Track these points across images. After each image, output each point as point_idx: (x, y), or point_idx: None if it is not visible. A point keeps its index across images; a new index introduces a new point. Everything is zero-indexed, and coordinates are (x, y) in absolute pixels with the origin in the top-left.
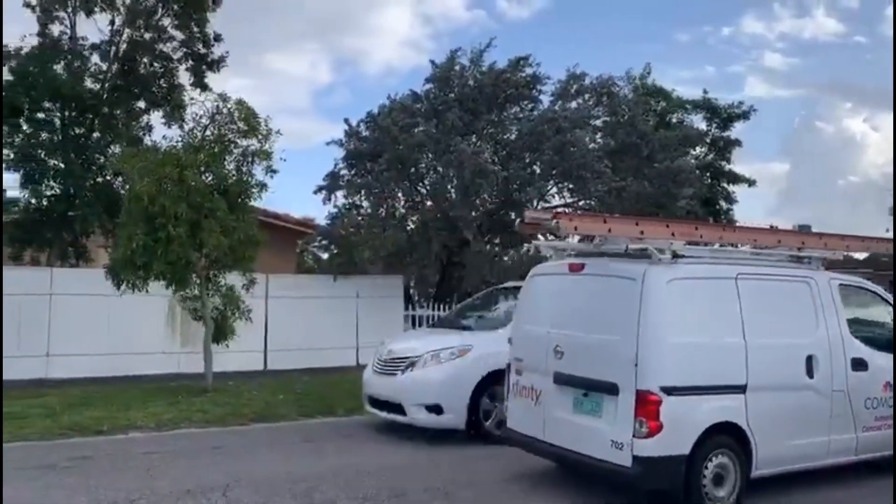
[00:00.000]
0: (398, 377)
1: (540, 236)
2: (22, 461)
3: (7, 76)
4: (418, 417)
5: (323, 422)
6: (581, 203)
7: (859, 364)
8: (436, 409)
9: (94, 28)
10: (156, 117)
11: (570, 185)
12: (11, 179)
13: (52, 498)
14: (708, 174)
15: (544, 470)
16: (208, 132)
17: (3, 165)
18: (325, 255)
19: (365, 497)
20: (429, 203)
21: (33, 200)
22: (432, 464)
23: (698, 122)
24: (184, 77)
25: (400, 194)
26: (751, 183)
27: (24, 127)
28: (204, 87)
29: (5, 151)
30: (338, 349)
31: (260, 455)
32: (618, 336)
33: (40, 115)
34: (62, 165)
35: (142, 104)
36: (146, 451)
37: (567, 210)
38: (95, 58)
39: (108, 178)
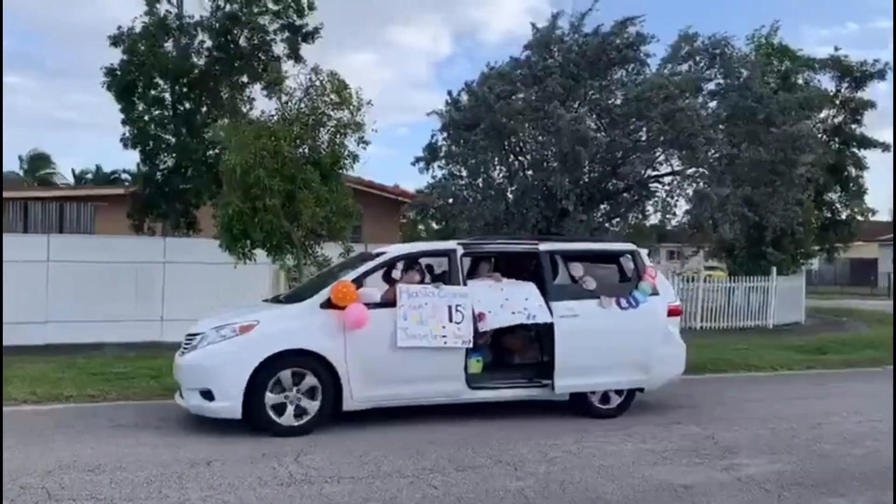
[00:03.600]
0: (182, 357)
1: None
2: (120, 419)
3: (120, 55)
4: (192, 403)
5: None
6: (691, 171)
7: None
8: (207, 394)
9: (197, 5)
10: (257, 90)
11: (679, 153)
12: (131, 155)
13: (139, 454)
14: (836, 139)
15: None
16: (302, 105)
17: (123, 143)
18: (422, 227)
19: (433, 468)
20: (529, 172)
21: (150, 175)
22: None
23: (826, 82)
24: (281, 50)
25: (497, 163)
26: (885, 148)
27: (138, 104)
28: (298, 59)
29: (126, 129)
30: None
31: (341, 422)
32: None
33: (152, 93)
34: (172, 140)
35: (244, 78)
36: None
37: (676, 179)
38: (200, 34)
39: (217, 151)
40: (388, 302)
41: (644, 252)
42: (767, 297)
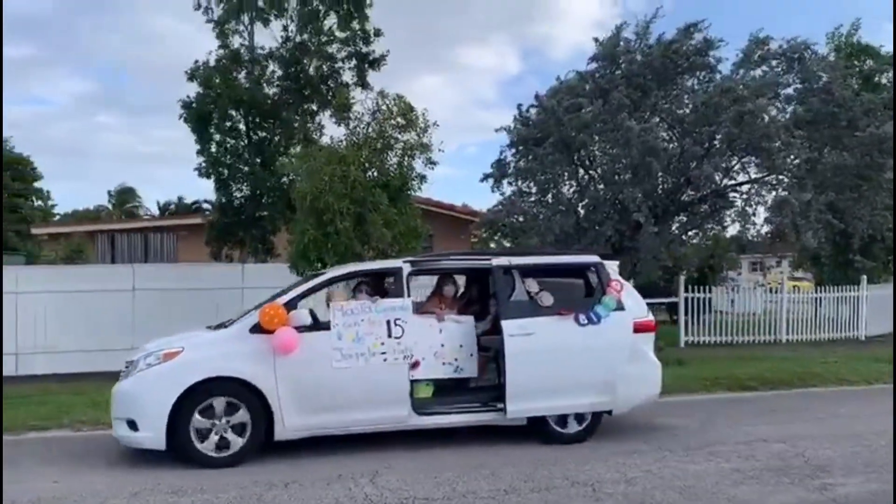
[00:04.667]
0: (115, 386)
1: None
2: None
3: (196, 88)
4: (119, 433)
5: None
6: (769, 178)
7: None
8: (132, 424)
9: (268, 37)
10: (327, 117)
11: (755, 160)
12: (210, 185)
13: (219, 477)
14: None
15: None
16: (370, 129)
17: (198, 171)
18: (493, 245)
19: (508, 489)
20: (600, 186)
21: (224, 201)
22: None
23: None
24: (349, 77)
25: (567, 178)
26: None
27: (213, 134)
28: (365, 86)
29: (200, 159)
30: None
31: (414, 442)
32: None
33: (227, 124)
34: (246, 169)
35: (314, 106)
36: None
37: (754, 186)
38: (272, 65)
39: (290, 178)
40: (324, 325)
41: (613, 264)
42: (858, 308)
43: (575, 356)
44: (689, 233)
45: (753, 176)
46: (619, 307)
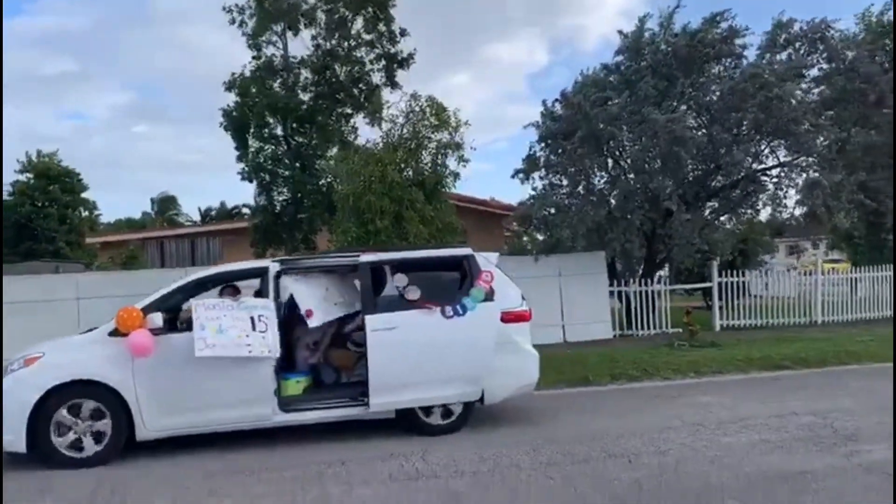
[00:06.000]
0: None
1: None
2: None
3: (233, 98)
4: None
5: None
6: (798, 160)
7: None
8: None
9: (300, 45)
10: (360, 119)
11: (784, 143)
12: (250, 190)
13: (280, 456)
14: None
15: None
16: (404, 130)
17: (241, 176)
18: (525, 238)
19: (549, 462)
20: (630, 176)
21: (266, 204)
22: None
23: None
24: (378, 79)
25: (597, 170)
26: None
27: (251, 142)
28: (395, 86)
29: (241, 165)
30: (543, 326)
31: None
32: None
33: (265, 131)
34: (286, 173)
35: (348, 109)
36: None
37: (784, 170)
38: (304, 72)
39: (329, 180)
40: (186, 327)
41: (492, 255)
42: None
43: (439, 348)
44: (722, 217)
45: (783, 159)
46: (488, 298)
